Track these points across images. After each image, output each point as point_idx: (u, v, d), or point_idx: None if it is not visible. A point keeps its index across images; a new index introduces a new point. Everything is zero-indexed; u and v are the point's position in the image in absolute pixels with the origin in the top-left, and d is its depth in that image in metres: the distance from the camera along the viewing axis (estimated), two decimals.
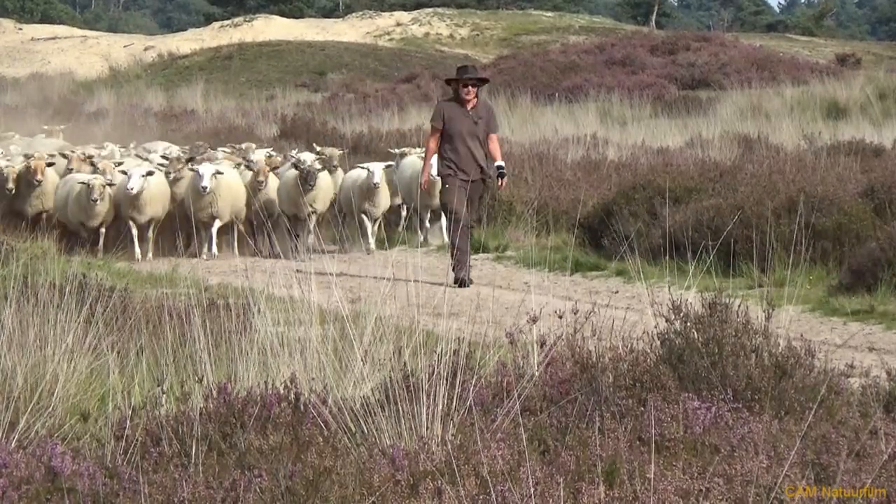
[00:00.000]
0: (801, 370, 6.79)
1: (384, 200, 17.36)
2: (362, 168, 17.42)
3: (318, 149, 19.34)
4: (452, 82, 14.32)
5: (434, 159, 14.33)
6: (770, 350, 6.81)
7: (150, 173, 16.71)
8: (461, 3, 68.67)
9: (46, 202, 17.31)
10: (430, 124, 14.50)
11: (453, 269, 13.63)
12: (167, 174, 17.30)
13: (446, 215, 13.99)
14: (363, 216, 17.32)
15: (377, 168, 17.08)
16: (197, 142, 21.77)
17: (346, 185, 17.72)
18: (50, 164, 17.61)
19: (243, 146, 21.97)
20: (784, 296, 11.13)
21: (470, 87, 13.97)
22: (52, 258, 11.52)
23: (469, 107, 13.92)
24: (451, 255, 13.90)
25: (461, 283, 13.46)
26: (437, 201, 15.58)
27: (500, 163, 14.00)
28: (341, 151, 20.07)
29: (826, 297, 13.16)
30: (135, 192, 16.39)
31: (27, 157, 17.76)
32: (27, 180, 17.24)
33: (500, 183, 14.10)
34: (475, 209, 14.30)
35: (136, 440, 5.97)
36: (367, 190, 17.10)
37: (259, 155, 19.77)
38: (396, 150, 19.35)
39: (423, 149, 18.31)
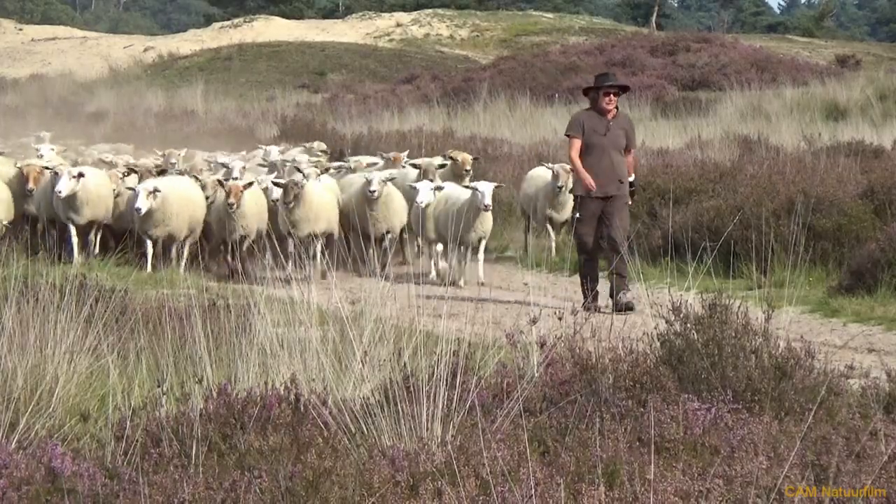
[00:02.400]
0: (800, 371, 6.80)
1: (489, 224, 14.91)
2: (472, 186, 14.86)
3: (450, 152, 17.96)
4: (591, 91, 13.11)
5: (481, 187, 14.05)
6: (770, 351, 6.82)
7: (81, 174, 15.66)
8: (461, 4, 68.70)
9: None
10: (566, 135, 13.28)
11: (584, 296, 12.63)
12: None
13: (577, 244, 12.76)
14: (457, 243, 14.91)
15: (488, 188, 14.46)
16: (171, 149, 20.39)
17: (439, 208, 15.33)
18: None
19: (312, 145, 21.18)
20: (784, 297, 11.13)
21: (612, 96, 12.89)
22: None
23: (609, 117, 12.88)
24: (582, 286, 12.82)
25: (623, 307, 12.16)
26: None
27: (631, 179, 12.98)
28: (476, 157, 18.63)
29: (826, 299, 13.16)
30: (63, 195, 15.47)
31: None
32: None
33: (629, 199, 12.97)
34: (623, 225, 12.87)
35: (136, 441, 5.97)
36: (475, 212, 14.46)
37: (302, 158, 18.66)
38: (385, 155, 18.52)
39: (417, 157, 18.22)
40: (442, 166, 16.85)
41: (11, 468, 5.64)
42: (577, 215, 12.76)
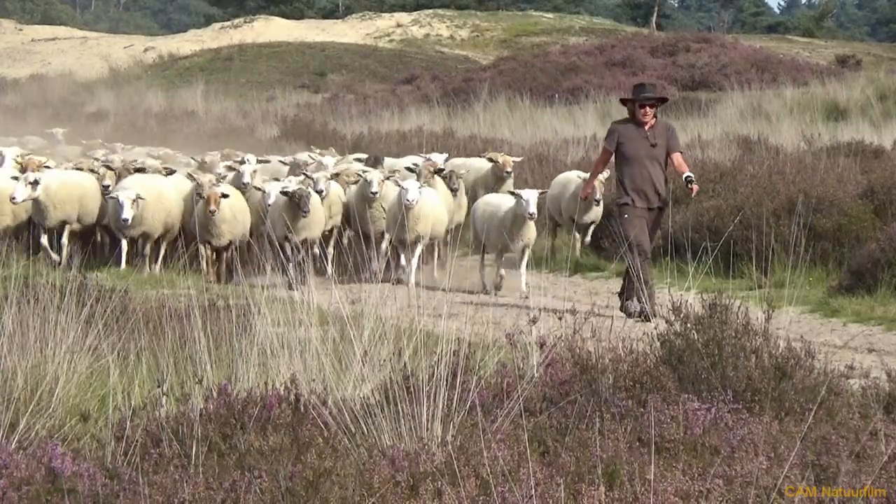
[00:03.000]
0: (801, 371, 6.80)
1: (533, 232, 14.40)
2: (516, 194, 14.30)
3: (489, 155, 17.55)
4: (628, 102, 12.93)
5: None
6: (770, 351, 6.82)
7: (36, 181, 15.44)
8: (461, 4, 68.68)
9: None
10: (602, 144, 13.16)
11: (622, 298, 12.45)
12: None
13: (628, 247, 12.25)
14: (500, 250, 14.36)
15: (532, 196, 13.95)
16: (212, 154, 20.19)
17: (483, 213, 14.70)
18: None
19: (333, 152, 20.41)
20: (784, 297, 11.13)
21: (647, 108, 12.60)
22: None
23: (647, 128, 12.58)
24: (623, 287, 12.51)
25: (643, 314, 11.74)
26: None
27: (688, 174, 12.63)
28: (521, 158, 18.20)
29: (826, 299, 13.17)
30: (18, 201, 15.37)
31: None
32: None
33: (691, 189, 12.66)
34: (653, 234, 12.86)
35: (137, 441, 5.97)
36: (519, 220, 14.11)
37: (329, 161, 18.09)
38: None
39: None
40: (441, 171, 16.52)
41: (12, 468, 5.64)
42: (626, 216, 12.49)
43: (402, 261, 14.89)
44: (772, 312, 6.97)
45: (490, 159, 17.13)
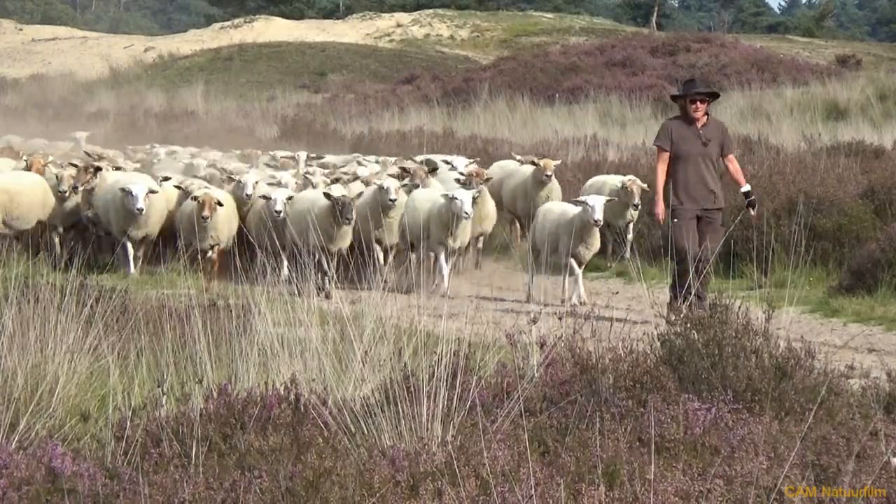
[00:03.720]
0: (801, 371, 6.80)
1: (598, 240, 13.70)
2: (581, 200, 13.58)
3: (529, 158, 16.95)
4: (679, 98, 12.36)
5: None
6: (770, 351, 6.82)
7: None
8: (461, 4, 68.71)
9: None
10: (654, 146, 12.52)
11: (671, 304, 11.39)
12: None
13: (675, 255, 11.83)
14: (572, 260, 13.51)
15: (598, 203, 13.27)
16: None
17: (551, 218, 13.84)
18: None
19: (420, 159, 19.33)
20: (784, 297, 11.12)
21: (699, 104, 12.04)
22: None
23: (699, 125, 12.06)
24: (672, 299, 11.66)
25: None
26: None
27: (746, 188, 12.16)
28: (559, 161, 17.49)
29: (826, 299, 13.17)
30: None
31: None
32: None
33: (751, 213, 12.21)
34: (713, 247, 11.88)
35: (137, 441, 5.97)
36: (585, 227, 13.37)
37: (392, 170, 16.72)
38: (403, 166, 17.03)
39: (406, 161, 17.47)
40: (434, 170, 16.30)
41: (12, 468, 5.64)
42: (675, 220, 11.92)
43: (443, 270, 14.25)
44: (772, 312, 6.97)
45: (532, 162, 16.56)
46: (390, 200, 14.24)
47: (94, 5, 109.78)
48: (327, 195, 13.99)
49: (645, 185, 14.91)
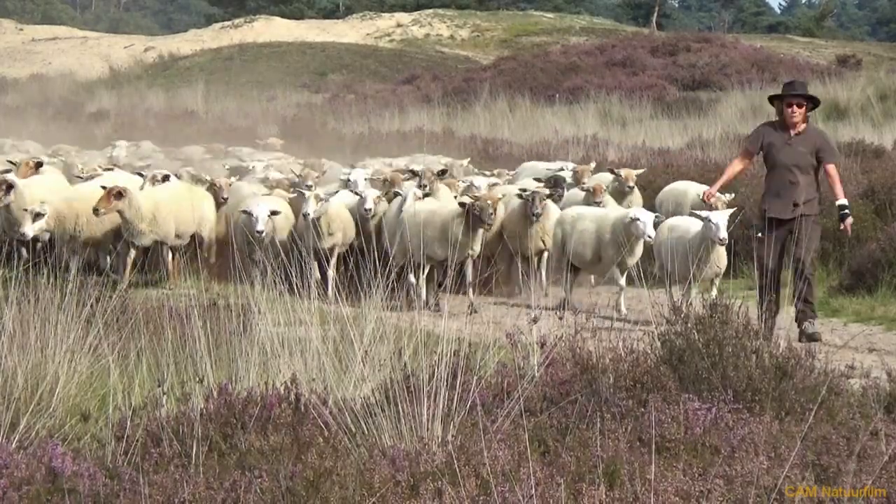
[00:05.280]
0: (801, 371, 6.80)
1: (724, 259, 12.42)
2: (704, 216, 12.20)
3: (612, 168, 16.12)
4: (776, 101, 11.61)
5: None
6: (770, 351, 6.82)
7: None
8: (461, 4, 68.70)
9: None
10: (743, 145, 11.69)
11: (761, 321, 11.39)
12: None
13: (756, 266, 11.30)
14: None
15: (722, 219, 12.02)
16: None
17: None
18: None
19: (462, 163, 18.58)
20: (785, 297, 11.13)
21: (795, 107, 11.33)
22: None
23: (794, 132, 11.36)
24: (759, 316, 11.68)
25: (808, 337, 10.79)
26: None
27: (842, 201, 11.43)
28: (643, 170, 16.56)
29: (826, 298, 13.18)
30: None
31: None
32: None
33: (842, 226, 11.49)
34: (811, 247, 11.34)
35: (137, 441, 5.97)
36: (708, 244, 12.12)
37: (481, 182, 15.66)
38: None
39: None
40: (442, 172, 15.68)
41: (12, 468, 5.64)
42: (758, 235, 11.32)
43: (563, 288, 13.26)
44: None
45: (611, 171, 15.89)
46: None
47: (94, 5, 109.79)
48: (461, 203, 13.14)
49: (726, 197, 13.93)
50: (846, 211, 11.46)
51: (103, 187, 13.76)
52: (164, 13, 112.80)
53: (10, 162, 16.49)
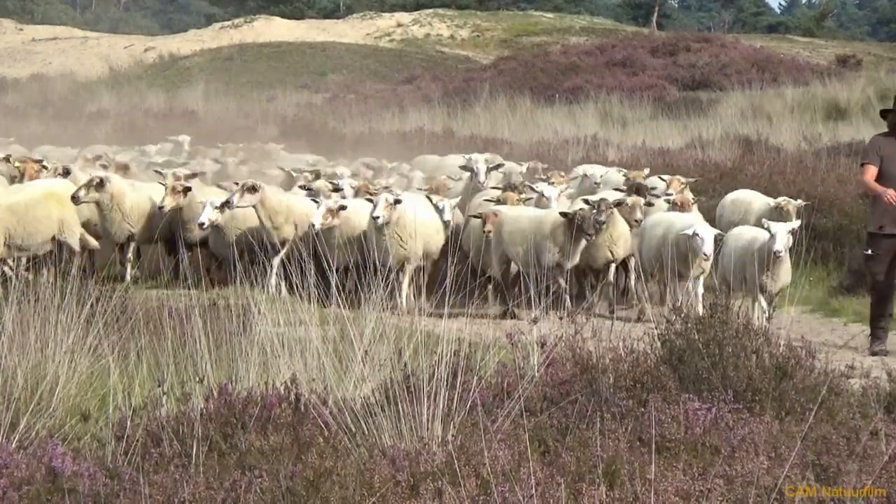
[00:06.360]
0: (801, 371, 6.80)
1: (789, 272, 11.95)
2: (767, 227, 11.84)
3: (658, 176, 15.39)
4: (889, 114, 11.26)
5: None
6: (770, 351, 6.82)
7: None
8: (462, 4, 68.69)
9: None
10: (861, 163, 11.34)
11: (875, 338, 11.07)
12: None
13: (870, 283, 11.05)
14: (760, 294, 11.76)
15: (781, 231, 11.59)
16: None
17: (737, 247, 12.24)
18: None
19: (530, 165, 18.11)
20: (785, 297, 11.13)
21: None
22: None
23: None
24: (871, 327, 11.14)
25: (878, 353, 10.75)
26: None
27: None
28: (693, 179, 15.65)
29: (826, 298, 13.18)
30: None
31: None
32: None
33: None
34: None
35: (137, 441, 5.97)
36: (769, 257, 11.67)
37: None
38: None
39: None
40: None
41: (12, 468, 5.64)
42: (869, 252, 11.11)
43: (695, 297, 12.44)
44: (772, 312, 6.98)
45: (660, 179, 15.54)
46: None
47: (94, 5, 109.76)
48: (563, 213, 12.76)
49: (800, 202, 13.69)
50: None
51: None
52: (164, 13, 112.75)
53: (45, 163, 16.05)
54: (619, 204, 13.23)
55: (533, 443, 5.96)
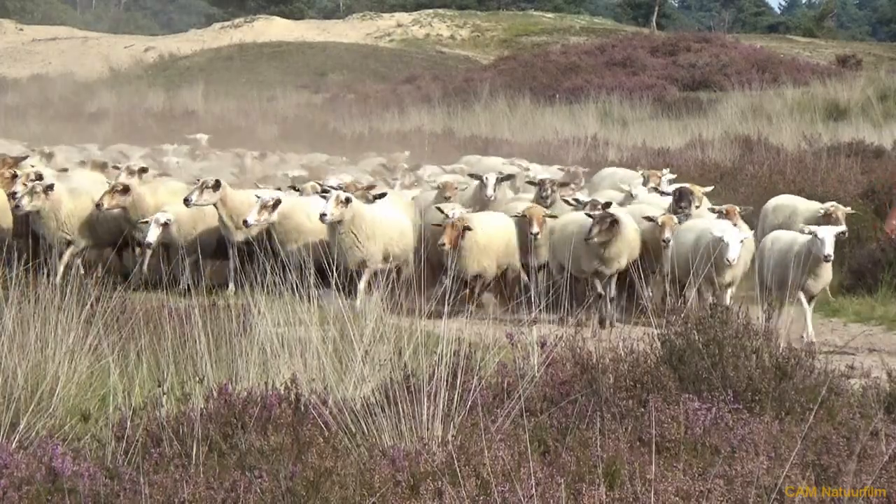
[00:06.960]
0: (801, 371, 6.80)
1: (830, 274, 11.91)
2: (812, 231, 11.75)
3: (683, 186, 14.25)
4: None
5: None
6: (770, 351, 6.82)
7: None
8: (462, 4, 68.68)
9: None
10: None
11: None
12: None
13: None
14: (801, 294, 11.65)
15: (828, 235, 11.57)
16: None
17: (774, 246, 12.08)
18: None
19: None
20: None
21: None
22: None
23: None
24: None
25: None
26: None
27: None
28: (711, 187, 14.83)
29: (827, 299, 13.16)
30: None
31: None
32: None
33: None
34: None
35: (137, 441, 5.97)
36: (814, 260, 11.60)
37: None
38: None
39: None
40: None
41: (12, 468, 5.64)
42: None
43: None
44: (772, 312, 6.98)
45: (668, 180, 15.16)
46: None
47: (94, 5, 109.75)
48: (589, 214, 12.41)
49: (849, 209, 13.51)
50: None
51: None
52: (164, 13, 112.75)
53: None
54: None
55: (533, 443, 5.96)
